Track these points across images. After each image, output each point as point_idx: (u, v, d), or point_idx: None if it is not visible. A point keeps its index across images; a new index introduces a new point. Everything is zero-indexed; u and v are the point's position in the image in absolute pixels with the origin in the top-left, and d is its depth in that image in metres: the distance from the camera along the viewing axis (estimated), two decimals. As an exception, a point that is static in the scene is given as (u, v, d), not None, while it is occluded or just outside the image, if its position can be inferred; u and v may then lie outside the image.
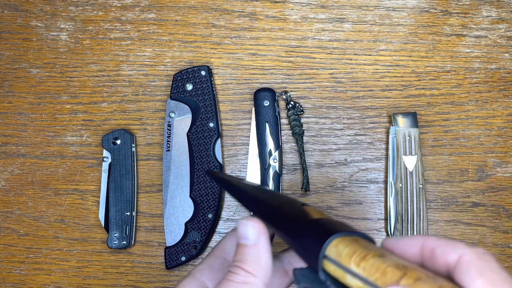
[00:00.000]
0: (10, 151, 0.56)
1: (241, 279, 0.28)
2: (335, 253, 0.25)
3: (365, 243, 0.25)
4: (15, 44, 0.57)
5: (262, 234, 0.29)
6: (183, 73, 0.54)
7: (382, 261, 0.23)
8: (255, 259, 0.29)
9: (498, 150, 0.53)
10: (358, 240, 0.26)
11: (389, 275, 0.23)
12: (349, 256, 0.24)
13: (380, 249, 0.25)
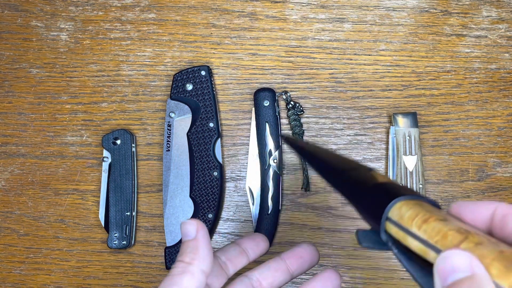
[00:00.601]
0: (10, 151, 0.56)
1: (180, 270, 0.31)
2: (397, 215, 0.25)
3: (429, 207, 0.25)
4: (15, 44, 0.57)
5: (200, 229, 0.33)
6: (183, 73, 0.54)
7: (444, 224, 0.23)
8: (193, 249, 0.32)
9: (498, 150, 0.53)
10: (422, 204, 0.26)
11: (450, 238, 0.22)
12: (412, 219, 0.24)
13: (445, 214, 0.25)
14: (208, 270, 0.32)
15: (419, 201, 0.26)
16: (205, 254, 0.32)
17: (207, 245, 0.33)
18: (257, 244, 0.39)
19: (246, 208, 0.54)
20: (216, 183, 0.53)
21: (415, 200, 0.26)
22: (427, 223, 0.24)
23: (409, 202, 0.26)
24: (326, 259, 0.53)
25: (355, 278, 0.53)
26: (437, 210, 0.25)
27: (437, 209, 0.26)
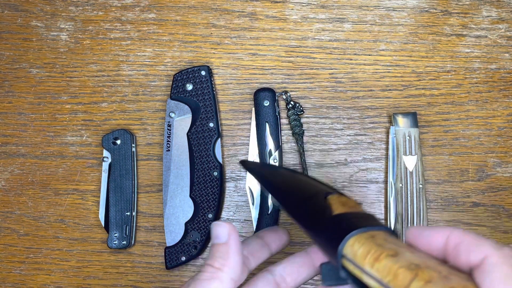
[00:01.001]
0: (10, 151, 0.56)
1: (209, 276, 0.30)
2: (351, 253, 0.25)
3: (381, 240, 0.25)
4: (15, 44, 0.57)
5: (232, 234, 0.31)
6: (183, 73, 0.54)
7: (395, 261, 0.23)
8: (224, 255, 0.31)
9: (498, 150, 0.53)
10: (375, 236, 0.25)
11: (401, 277, 0.22)
12: (364, 257, 0.24)
13: (397, 245, 0.25)
14: (237, 278, 0.31)
15: (372, 233, 0.26)
16: (235, 261, 0.31)
17: (238, 252, 0.31)
18: (280, 237, 0.37)
19: (246, 208, 0.54)
20: (216, 183, 0.53)
21: (369, 232, 0.26)
22: (379, 262, 0.24)
23: (361, 236, 0.25)
24: (326, 259, 0.53)
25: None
26: (390, 242, 0.25)
27: (391, 238, 0.26)
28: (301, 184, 0.34)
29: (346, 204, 0.29)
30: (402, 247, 0.25)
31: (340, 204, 0.29)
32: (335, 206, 0.29)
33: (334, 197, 0.30)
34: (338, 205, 0.29)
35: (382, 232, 0.26)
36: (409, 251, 0.24)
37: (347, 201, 0.30)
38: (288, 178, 0.35)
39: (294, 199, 0.32)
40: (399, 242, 0.25)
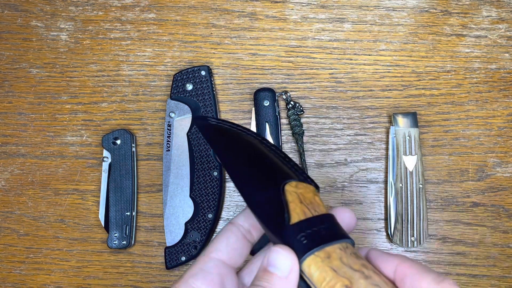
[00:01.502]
0: (10, 151, 0.56)
1: None
2: (308, 272, 0.26)
3: (337, 261, 0.26)
4: (15, 44, 0.57)
5: (294, 270, 0.27)
6: (183, 73, 0.54)
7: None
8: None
9: (498, 150, 0.53)
10: (331, 256, 0.26)
11: None
12: (320, 282, 0.25)
13: (352, 267, 0.26)
14: None
15: (328, 250, 0.26)
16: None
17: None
18: None
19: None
20: (216, 183, 0.53)
21: (325, 250, 0.26)
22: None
23: (317, 258, 0.26)
24: (326, 259, 0.53)
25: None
26: (345, 264, 0.26)
27: (347, 256, 0.27)
28: (262, 165, 0.32)
29: (304, 199, 0.29)
30: (357, 270, 0.26)
31: (298, 201, 0.29)
32: (293, 206, 0.29)
33: (292, 189, 0.30)
34: (296, 204, 0.29)
35: (338, 249, 0.26)
36: (363, 277, 0.25)
37: (305, 192, 0.30)
38: (250, 152, 0.34)
39: (251, 184, 0.32)
40: (354, 259, 0.26)
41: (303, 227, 0.27)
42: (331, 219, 0.28)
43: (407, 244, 0.51)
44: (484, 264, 0.52)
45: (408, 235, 0.51)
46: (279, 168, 0.32)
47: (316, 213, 0.28)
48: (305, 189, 0.30)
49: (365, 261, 0.27)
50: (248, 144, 0.34)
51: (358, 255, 0.27)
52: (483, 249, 0.52)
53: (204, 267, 0.31)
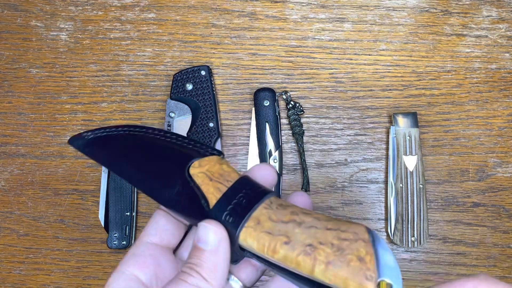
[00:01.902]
0: (10, 151, 0.56)
1: (195, 282, 0.28)
2: (247, 245, 0.27)
3: (268, 223, 0.26)
4: (15, 44, 0.57)
5: (223, 241, 0.28)
6: (183, 73, 0.54)
7: (291, 249, 0.25)
8: (212, 266, 0.28)
9: (499, 150, 0.53)
10: (261, 220, 0.27)
11: (303, 265, 0.25)
12: (262, 250, 0.26)
13: (282, 220, 0.26)
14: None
15: (256, 217, 0.27)
16: (223, 274, 0.28)
17: (227, 262, 0.29)
18: None
19: (246, 208, 0.54)
20: (216, 183, 0.53)
21: (253, 218, 0.27)
22: (277, 253, 0.26)
23: (248, 230, 0.27)
24: (326, 259, 0.53)
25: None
26: (276, 221, 0.26)
27: (273, 210, 0.27)
28: (160, 159, 0.31)
29: (212, 174, 0.29)
30: (289, 221, 0.26)
31: (208, 179, 0.29)
32: (205, 188, 0.29)
33: (197, 170, 0.30)
34: (208, 184, 0.29)
35: (264, 209, 0.27)
36: (296, 226, 0.26)
37: (210, 167, 0.30)
38: (144, 151, 0.32)
39: (156, 184, 0.31)
40: (282, 210, 0.27)
41: (223, 205, 0.28)
42: (245, 181, 0.29)
43: (407, 244, 0.51)
44: (484, 264, 0.52)
45: (409, 235, 0.51)
46: (179, 154, 0.31)
47: (229, 183, 0.29)
48: (209, 162, 0.30)
49: (292, 207, 0.27)
50: (139, 143, 0.33)
51: (284, 204, 0.27)
52: (484, 249, 0.52)
53: (135, 252, 0.32)
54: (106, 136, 0.33)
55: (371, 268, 0.25)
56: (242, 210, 0.27)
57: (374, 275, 0.25)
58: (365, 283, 0.24)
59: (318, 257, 0.25)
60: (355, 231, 0.25)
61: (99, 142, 0.33)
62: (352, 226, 0.26)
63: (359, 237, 0.25)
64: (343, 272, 0.24)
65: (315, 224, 0.26)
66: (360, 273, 0.24)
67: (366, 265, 0.25)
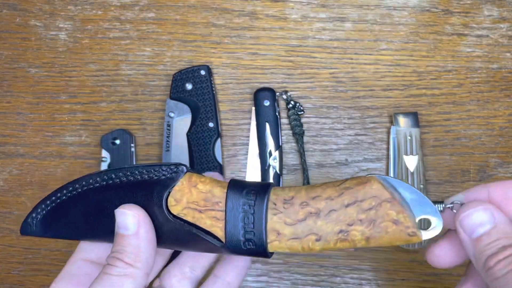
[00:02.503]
0: (9, 151, 0.56)
1: (120, 271, 0.27)
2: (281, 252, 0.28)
3: (288, 228, 0.26)
4: (14, 43, 0.57)
5: (142, 223, 0.27)
6: (182, 73, 0.54)
7: (327, 243, 0.25)
8: (135, 249, 0.27)
9: (500, 150, 0.53)
10: (281, 230, 0.26)
11: (346, 248, 0.25)
12: (298, 253, 0.28)
13: (299, 216, 0.26)
14: (150, 270, 0.28)
15: (274, 226, 0.26)
16: (148, 254, 0.28)
17: (150, 243, 0.28)
18: None
19: (246, 208, 0.54)
20: (216, 183, 0.53)
21: (275, 233, 0.27)
22: (315, 250, 0.26)
23: (274, 244, 0.26)
24: (327, 259, 0.53)
25: (355, 279, 0.53)
26: (294, 223, 0.26)
27: (285, 211, 0.27)
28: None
29: (197, 204, 0.27)
30: (306, 216, 0.26)
31: (197, 213, 0.27)
32: (202, 225, 0.27)
33: (177, 207, 0.28)
34: (202, 220, 0.27)
35: (274, 217, 0.26)
36: (315, 217, 0.26)
37: (190, 196, 0.27)
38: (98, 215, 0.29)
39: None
40: (290, 206, 0.26)
41: (234, 235, 0.27)
42: (234, 193, 0.27)
43: (408, 245, 0.51)
44: (485, 265, 0.52)
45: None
46: (141, 194, 0.28)
47: (221, 205, 0.27)
48: (183, 191, 0.28)
49: (296, 195, 0.27)
50: (93, 201, 0.29)
51: (287, 197, 0.27)
52: (485, 250, 0.52)
53: (70, 270, 0.30)
54: (54, 208, 0.31)
55: (409, 224, 0.24)
56: (256, 232, 0.26)
57: (414, 229, 0.24)
58: (410, 239, 0.24)
59: (355, 238, 0.25)
60: (373, 195, 0.25)
61: (52, 218, 0.31)
62: (367, 188, 0.25)
63: (380, 199, 0.25)
64: (385, 239, 0.24)
65: (332, 207, 0.25)
66: (401, 234, 0.24)
67: (403, 223, 0.24)
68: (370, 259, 0.53)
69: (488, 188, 0.28)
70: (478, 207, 0.26)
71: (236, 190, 0.27)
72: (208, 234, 0.27)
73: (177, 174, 0.28)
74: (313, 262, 0.53)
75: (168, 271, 0.32)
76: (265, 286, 0.53)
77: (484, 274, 0.25)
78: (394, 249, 0.53)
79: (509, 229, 0.25)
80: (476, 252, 0.25)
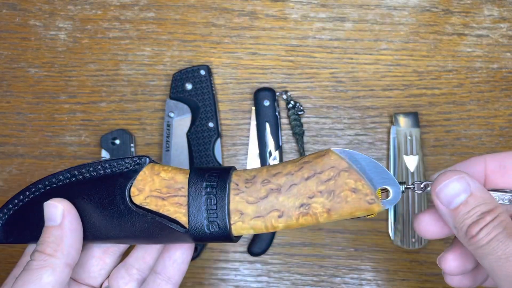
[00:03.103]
0: (9, 151, 0.56)
1: (39, 264, 0.26)
2: (244, 233, 0.27)
3: (251, 206, 0.26)
4: (14, 43, 0.57)
5: (67, 214, 0.28)
6: (182, 73, 0.54)
7: (289, 218, 0.26)
8: (57, 239, 0.27)
9: (500, 150, 0.53)
10: (243, 210, 0.26)
11: (307, 223, 0.26)
12: (261, 231, 0.26)
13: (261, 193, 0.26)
14: (74, 262, 0.28)
15: (237, 206, 0.27)
16: (70, 244, 0.27)
17: (74, 233, 0.28)
18: None
19: (246, 208, 0.54)
20: (215, 183, 0.53)
21: (238, 214, 0.27)
22: (278, 228, 0.26)
23: (237, 224, 0.27)
24: (327, 259, 0.53)
25: (355, 279, 0.53)
26: (256, 201, 0.26)
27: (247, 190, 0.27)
28: (88, 207, 0.28)
29: (160, 191, 0.27)
30: (267, 193, 0.26)
31: (160, 200, 0.27)
32: (165, 211, 0.27)
33: (140, 196, 0.27)
34: (164, 207, 0.27)
35: (237, 197, 0.26)
36: (277, 193, 0.26)
37: (152, 184, 0.27)
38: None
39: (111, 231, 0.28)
40: (252, 185, 0.26)
41: (197, 219, 0.27)
42: (196, 178, 0.27)
43: (408, 245, 0.51)
44: (485, 265, 0.52)
45: (409, 236, 0.51)
46: (103, 188, 0.28)
47: (183, 191, 0.27)
48: (145, 180, 0.27)
49: (258, 174, 0.27)
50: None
51: (249, 177, 0.27)
52: (485, 250, 0.52)
53: (16, 273, 0.29)
54: (16, 212, 0.30)
55: (368, 191, 0.25)
56: (219, 213, 0.26)
57: (373, 196, 0.25)
58: (370, 208, 0.25)
59: (316, 211, 0.25)
60: (332, 165, 0.25)
61: (14, 223, 0.30)
62: (325, 160, 0.25)
63: (339, 169, 0.25)
64: (346, 209, 0.25)
65: (292, 181, 0.25)
66: (361, 202, 0.24)
67: (362, 191, 0.25)
68: (370, 259, 0.53)
69: (485, 158, 0.28)
70: (453, 177, 0.25)
71: (198, 174, 0.27)
72: (171, 221, 0.27)
73: (140, 166, 0.28)
74: (313, 262, 0.53)
75: (116, 272, 0.32)
76: (265, 286, 0.53)
77: (467, 243, 0.25)
78: (394, 249, 0.52)
79: (486, 195, 0.25)
80: (456, 222, 0.25)
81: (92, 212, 0.28)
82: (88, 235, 0.29)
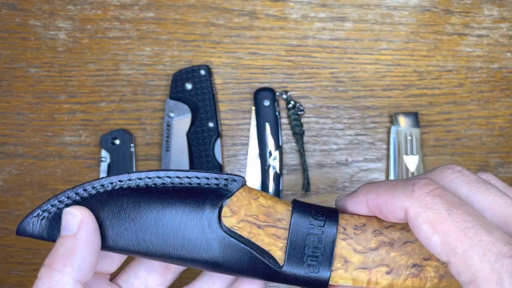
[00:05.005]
0: (8, 151, 0.56)
1: (44, 282, 0.24)
2: (340, 284, 0.25)
3: (357, 255, 0.24)
4: (13, 43, 0.57)
5: (85, 224, 0.24)
6: (182, 73, 0.54)
7: (397, 276, 0.23)
8: (68, 251, 0.24)
9: (500, 150, 0.53)
10: (349, 258, 0.24)
11: (411, 286, 0.23)
12: (361, 285, 0.24)
13: (371, 244, 0.24)
14: (86, 279, 0.25)
15: (342, 252, 0.24)
16: (83, 258, 0.24)
17: (89, 245, 0.24)
18: None
19: (246, 208, 0.54)
20: (215, 183, 0.53)
21: (342, 261, 0.25)
22: (380, 285, 0.23)
23: (339, 272, 0.24)
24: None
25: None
26: (365, 251, 0.24)
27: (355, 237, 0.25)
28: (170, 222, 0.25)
29: (256, 218, 0.25)
30: (379, 245, 0.24)
31: (255, 228, 0.25)
32: (259, 241, 0.24)
33: (232, 218, 0.25)
34: (259, 236, 0.24)
35: (343, 242, 0.24)
36: (389, 248, 0.24)
37: (249, 209, 0.25)
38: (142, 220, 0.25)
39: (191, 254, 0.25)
40: (361, 233, 0.24)
41: (296, 257, 0.24)
42: (300, 212, 0.25)
43: None
44: (486, 265, 0.52)
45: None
46: (191, 203, 0.25)
47: (284, 223, 0.24)
48: (241, 203, 0.25)
49: (368, 222, 0.24)
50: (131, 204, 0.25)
51: (358, 224, 0.25)
52: (485, 250, 0.52)
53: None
54: (72, 204, 0.26)
55: None
56: (322, 255, 0.23)
57: None
58: None
59: (428, 275, 0.23)
60: None
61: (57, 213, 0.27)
62: None
63: None
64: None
65: (408, 238, 0.23)
66: None
67: None
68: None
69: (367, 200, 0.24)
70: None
71: (303, 209, 0.24)
72: (263, 253, 0.24)
73: (233, 186, 0.25)
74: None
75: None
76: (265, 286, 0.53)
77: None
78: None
79: None
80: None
81: (164, 223, 0.25)
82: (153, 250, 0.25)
